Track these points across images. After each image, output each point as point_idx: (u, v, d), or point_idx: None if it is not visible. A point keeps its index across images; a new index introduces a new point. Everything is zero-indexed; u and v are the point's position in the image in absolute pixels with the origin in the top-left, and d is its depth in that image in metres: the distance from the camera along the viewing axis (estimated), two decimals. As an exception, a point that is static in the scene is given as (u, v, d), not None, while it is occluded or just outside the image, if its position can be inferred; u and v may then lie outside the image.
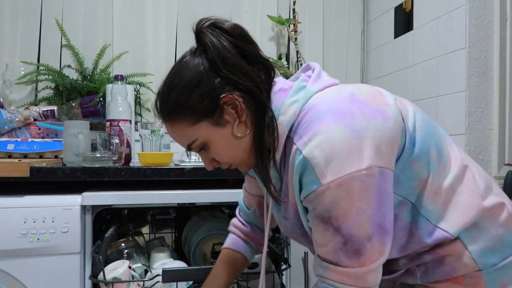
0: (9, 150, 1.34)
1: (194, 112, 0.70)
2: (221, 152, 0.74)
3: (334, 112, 0.65)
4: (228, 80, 0.69)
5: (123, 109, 1.39)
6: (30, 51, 1.79)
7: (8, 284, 1.10)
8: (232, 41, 0.70)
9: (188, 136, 0.72)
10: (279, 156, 0.73)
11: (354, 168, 0.62)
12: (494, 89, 1.40)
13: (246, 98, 0.70)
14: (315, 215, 0.66)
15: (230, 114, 0.70)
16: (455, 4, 1.44)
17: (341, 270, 0.66)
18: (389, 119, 0.66)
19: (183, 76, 0.70)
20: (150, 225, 1.76)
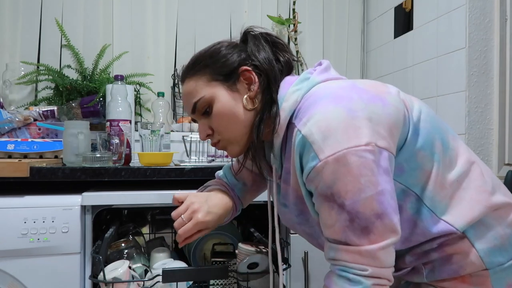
0: (9, 150, 1.34)
1: (213, 70, 0.76)
2: (221, 118, 0.77)
3: (333, 95, 0.68)
4: (252, 57, 0.77)
5: (123, 109, 1.39)
6: (30, 51, 1.79)
7: (8, 284, 1.10)
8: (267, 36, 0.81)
9: (198, 91, 0.77)
10: (279, 140, 0.75)
11: (352, 144, 0.62)
12: (494, 89, 1.40)
13: (261, 78, 0.76)
14: (318, 194, 0.66)
15: (243, 85, 0.77)
16: (455, 4, 1.44)
17: (352, 249, 0.64)
18: (388, 105, 0.67)
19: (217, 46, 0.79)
20: (150, 225, 1.76)
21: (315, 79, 0.75)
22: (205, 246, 1.41)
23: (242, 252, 1.27)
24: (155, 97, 1.78)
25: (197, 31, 1.95)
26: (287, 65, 0.81)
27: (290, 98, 0.73)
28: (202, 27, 1.96)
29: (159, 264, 1.24)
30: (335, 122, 0.64)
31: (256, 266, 1.15)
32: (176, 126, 1.82)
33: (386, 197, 0.64)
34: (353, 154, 0.62)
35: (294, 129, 0.70)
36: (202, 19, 1.96)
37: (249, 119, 0.76)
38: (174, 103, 1.89)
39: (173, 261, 1.27)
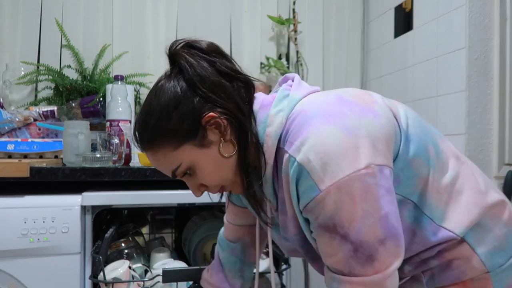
0: (9, 150, 1.34)
1: (175, 135, 0.66)
2: (209, 175, 0.70)
3: (323, 113, 0.63)
4: (207, 99, 0.66)
5: (123, 109, 1.39)
6: (30, 51, 1.79)
7: (8, 284, 1.10)
8: (208, 59, 0.68)
9: (171, 162, 0.68)
10: (270, 169, 0.69)
11: (352, 169, 0.58)
12: (494, 89, 1.40)
13: (228, 116, 0.67)
14: (319, 224, 0.62)
15: (214, 134, 0.67)
16: (455, 4, 1.44)
17: (356, 280, 0.61)
18: (380, 116, 0.64)
19: (160, 99, 0.67)
20: (150, 225, 1.76)
21: (295, 96, 0.69)
22: (205, 246, 1.41)
23: (242, 252, 1.27)
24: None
25: (197, 31, 1.95)
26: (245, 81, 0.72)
27: (274, 121, 0.67)
28: (202, 27, 1.96)
29: (159, 264, 1.24)
30: (333, 147, 0.59)
31: (256, 266, 1.15)
32: (176, 126, 1.82)
33: (390, 219, 0.60)
34: (355, 180, 0.58)
35: (284, 155, 0.64)
36: (202, 19, 1.96)
37: (235, 161, 0.69)
38: (174, 103, 1.89)
39: (173, 261, 1.27)
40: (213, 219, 1.52)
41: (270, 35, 2.01)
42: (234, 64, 0.71)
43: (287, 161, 0.63)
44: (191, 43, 0.70)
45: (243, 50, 1.97)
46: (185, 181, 0.73)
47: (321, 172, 0.59)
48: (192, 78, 0.66)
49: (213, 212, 1.61)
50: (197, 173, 0.70)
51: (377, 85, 1.99)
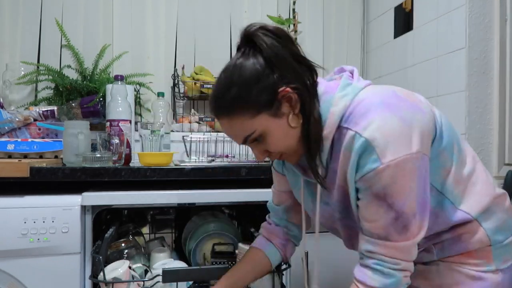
0: (9, 150, 1.34)
1: (254, 105, 0.75)
2: (277, 142, 0.79)
3: (386, 104, 0.74)
4: (282, 76, 0.75)
5: (123, 109, 1.39)
6: (30, 51, 1.79)
7: (8, 284, 1.10)
8: (281, 42, 0.76)
9: (246, 128, 0.77)
10: (329, 143, 0.78)
11: (407, 151, 0.70)
12: (494, 89, 1.40)
13: (299, 92, 0.76)
14: (371, 193, 0.73)
15: (286, 106, 0.76)
16: (455, 4, 1.44)
17: (390, 244, 0.74)
18: (425, 113, 0.76)
19: (242, 73, 0.75)
20: (150, 225, 1.76)
21: (357, 85, 0.79)
22: (205, 246, 1.41)
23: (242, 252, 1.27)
24: (155, 97, 1.78)
25: (197, 31, 1.95)
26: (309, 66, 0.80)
27: (339, 103, 0.77)
28: (202, 27, 1.96)
29: (159, 264, 1.24)
30: (394, 130, 0.71)
31: (256, 266, 1.15)
32: (176, 126, 1.82)
33: (424, 198, 0.73)
34: (408, 160, 0.70)
35: (347, 131, 0.74)
36: (202, 19, 1.96)
37: (299, 132, 0.79)
38: (174, 103, 1.89)
39: (173, 261, 1.27)
40: (213, 219, 1.52)
41: (270, 35, 2.01)
42: (300, 50, 0.79)
43: (352, 137, 0.73)
44: (265, 27, 0.77)
45: (243, 50, 1.97)
46: (251, 147, 0.82)
47: (384, 148, 0.70)
48: (270, 57, 0.75)
49: (213, 212, 1.61)
50: (267, 139, 0.79)
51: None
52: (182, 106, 1.94)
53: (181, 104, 1.94)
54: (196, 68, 1.87)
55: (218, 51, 1.97)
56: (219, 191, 1.23)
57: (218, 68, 2.17)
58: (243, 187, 1.28)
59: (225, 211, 1.73)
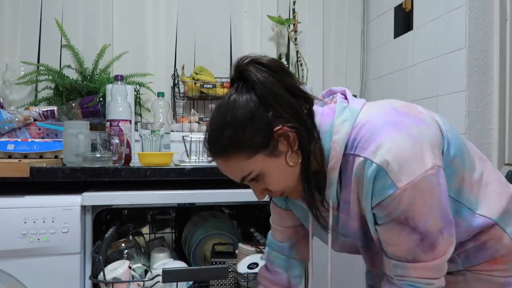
0: (9, 150, 1.34)
1: (249, 146, 0.72)
2: (276, 181, 0.76)
3: (391, 123, 0.71)
4: (278, 114, 0.72)
5: (123, 109, 1.39)
6: (30, 51, 1.79)
7: (8, 284, 1.10)
8: (275, 76, 0.73)
9: (243, 169, 0.75)
10: (336, 174, 0.75)
11: (422, 170, 0.68)
12: (494, 89, 1.40)
13: (295, 129, 0.73)
14: (392, 218, 0.71)
15: (283, 145, 0.73)
16: (455, 4, 1.44)
17: (420, 265, 0.72)
18: (430, 124, 0.74)
19: (234, 113, 0.72)
20: (150, 225, 1.76)
21: (355, 107, 0.76)
22: (205, 246, 1.41)
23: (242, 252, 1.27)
24: (155, 97, 1.78)
25: (197, 31, 1.95)
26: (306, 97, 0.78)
27: (340, 130, 0.74)
28: (202, 27, 1.96)
29: (159, 264, 1.24)
30: (405, 150, 0.68)
31: (256, 266, 1.15)
32: (176, 126, 1.82)
33: (447, 212, 0.71)
34: (425, 179, 0.68)
35: (354, 158, 0.72)
36: (202, 19, 1.96)
37: (299, 169, 0.76)
38: (174, 103, 1.89)
39: (173, 261, 1.27)
40: (213, 219, 1.52)
41: (270, 35, 2.01)
42: (295, 80, 0.77)
43: (361, 164, 0.70)
44: (258, 60, 0.74)
45: (243, 50, 1.97)
46: (250, 185, 0.80)
47: (398, 172, 0.68)
48: (263, 94, 0.72)
49: (213, 212, 1.62)
50: (265, 179, 0.76)
51: (377, 85, 1.99)
52: (182, 106, 1.94)
53: (181, 104, 1.94)
54: (196, 68, 1.87)
55: (218, 51, 1.97)
56: (219, 191, 1.23)
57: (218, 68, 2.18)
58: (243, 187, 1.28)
59: (225, 211, 1.73)
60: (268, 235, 1.04)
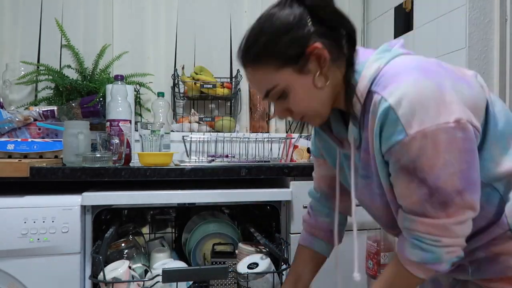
0: (9, 150, 1.34)
1: (280, 57, 0.70)
2: (299, 101, 0.74)
3: (422, 68, 0.66)
4: (316, 31, 0.70)
5: (123, 109, 1.39)
6: (30, 51, 1.79)
7: (8, 284, 1.10)
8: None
9: (269, 81, 0.73)
10: (359, 109, 0.72)
11: (441, 120, 0.62)
12: (494, 89, 1.40)
13: (331, 50, 0.70)
14: (400, 166, 0.66)
15: (313, 64, 0.71)
16: (455, 4, 1.44)
17: (428, 221, 0.66)
18: (473, 87, 0.69)
19: (274, 23, 0.71)
20: (150, 225, 1.76)
21: (397, 50, 0.73)
22: (205, 246, 1.41)
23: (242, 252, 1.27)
24: (155, 97, 1.78)
25: (197, 31, 1.95)
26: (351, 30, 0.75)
27: (372, 66, 0.71)
28: (202, 27, 1.96)
29: (159, 264, 1.24)
30: (426, 96, 0.63)
31: (256, 266, 1.15)
32: (176, 126, 1.82)
33: (470, 173, 0.64)
34: (442, 130, 0.62)
35: (375, 95, 0.68)
36: (202, 19, 1.96)
37: (326, 94, 0.74)
38: (174, 103, 1.89)
39: (173, 261, 1.27)
40: (213, 219, 1.52)
41: (270, 35, 2.01)
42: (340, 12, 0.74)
43: (378, 102, 0.66)
44: None
45: (243, 50, 1.97)
46: (274, 103, 0.78)
47: (411, 117, 0.62)
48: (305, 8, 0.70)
49: (213, 212, 1.62)
50: (289, 97, 0.74)
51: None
52: (182, 106, 1.95)
53: (181, 104, 1.94)
54: (196, 68, 1.87)
55: (218, 51, 1.97)
56: (219, 191, 1.23)
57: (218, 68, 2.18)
58: (243, 187, 1.28)
59: (225, 211, 1.73)
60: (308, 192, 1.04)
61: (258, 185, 1.32)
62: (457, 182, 0.63)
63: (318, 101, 0.74)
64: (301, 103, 0.74)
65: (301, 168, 1.31)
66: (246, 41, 0.74)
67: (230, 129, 1.85)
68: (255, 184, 1.34)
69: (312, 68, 0.71)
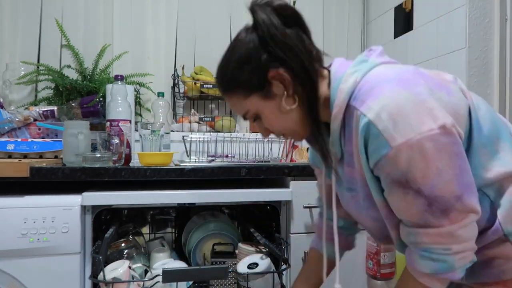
0: (9, 150, 1.34)
1: (245, 86, 0.74)
2: (272, 123, 0.78)
3: (399, 78, 0.66)
4: (275, 56, 0.72)
5: (123, 109, 1.39)
6: (30, 51, 1.79)
7: (8, 284, 1.10)
8: (283, 20, 0.73)
9: (241, 107, 0.78)
10: (338, 123, 0.73)
11: (425, 128, 0.61)
12: (494, 89, 1.40)
13: (294, 73, 0.72)
14: (392, 180, 0.65)
15: (278, 88, 0.73)
16: (455, 4, 1.44)
17: (433, 231, 0.65)
18: (453, 94, 0.67)
19: (236, 52, 0.75)
20: (150, 225, 1.76)
21: (374, 61, 0.73)
22: (205, 246, 1.41)
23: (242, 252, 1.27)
24: (155, 97, 1.78)
25: (197, 31, 1.95)
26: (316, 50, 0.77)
27: (349, 80, 0.71)
28: (202, 27, 1.96)
29: (159, 264, 1.24)
30: (405, 106, 0.62)
31: (256, 266, 1.15)
32: (176, 126, 1.82)
33: (465, 177, 0.63)
34: (427, 139, 0.61)
35: (354, 111, 0.68)
36: (202, 19, 1.96)
37: (298, 113, 0.75)
38: (174, 103, 1.89)
39: (173, 261, 1.27)
40: (213, 219, 1.52)
41: (270, 35, 2.01)
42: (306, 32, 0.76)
43: (358, 117, 0.67)
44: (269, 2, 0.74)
45: (243, 50, 1.97)
46: (254, 123, 0.81)
47: (393, 130, 0.62)
48: (263, 35, 0.72)
49: (213, 212, 1.61)
50: (263, 119, 0.78)
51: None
52: (182, 106, 1.95)
53: (181, 104, 1.94)
54: (196, 68, 1.87)
55: (218, 51, 1.96)
56: (219, 191, 1.23)
57: (218, 68, 2.11)
58: (243, 187, 1.28)
59: (225, 211, 1.73)
60: None
61: (258, 185, 1.32)
62: (454, 188, 0.62)
63: (291, 121, 0.76)
64: (274, 124, 0.78)
65: (301, 168, 1.31)
66: (218, 71, 0.79)
67: (230, 129, 1.86)
68: (255, 184, 1.34)
69: (278, 92, 0.74)
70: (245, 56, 0.73)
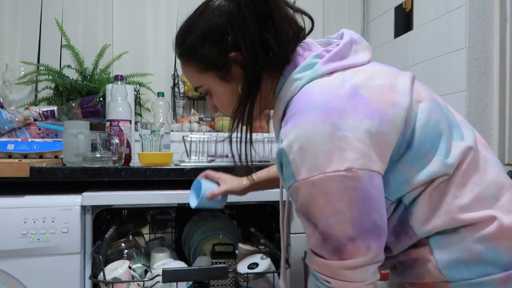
0: (9, 150, 1.34)
1: (203, 61, 0.71)
2: (222, 104, 0.76)
3: (325, 107, 0.61)
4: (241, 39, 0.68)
5: (123, 109, 1.39)
6: (30, 51, 1.79)
7: (8, 284, 1.10)
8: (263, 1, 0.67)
9: (195, 80, 0.75)
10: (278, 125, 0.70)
11: (331, 168, 0.59)
12: (494, 89, 1.40)
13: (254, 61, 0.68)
14: (297, 208, 0.67)
15: (237, 72, 0.71)
16: (455, 4, 1.44)
17: (321, 261, 0.66)
18: (385, 122, 0.61)
19: (204, 21, 0.70)
20: (150, 225, 1.76)
21: (318, 70, 0.66)
22: (205, 246, 1.41)
23: (242, 252, 1.27)
24: (155, 97, 1.78)
25: (197, 31, 1.95)
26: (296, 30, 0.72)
27: (289, 87, 0.68)
28: (202, 27, 1.96)
29: (159, 264, 1.24)
30: (318, 142, 0.60)
31: (256, 266, 1.15)
32: (176, 126, 1.82)
33: (364, 222, 0.61)
34: (331, 179, 0.59)
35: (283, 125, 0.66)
36: (202, 19, 1.96)
37: None
38: (174, 103, 1.89)
39: (173, 261, 1.27)
40: (213, 219, 1.52)
41: (270, 35, 2.01)
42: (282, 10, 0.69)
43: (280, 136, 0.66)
44: None
45: (243, 50, 1.97)
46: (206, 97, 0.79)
47: (300, 163, 0.61)
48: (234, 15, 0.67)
49: (213, 212, 1.61)
50: (213, 97, 0.76)
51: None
52: (182, 106, 1.94)
53: (181, 104, 1.94)
54: (196, 68, 1.87)
55: (218, 51, 1.97)
56: (219, 191, 1.23)
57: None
58: (243, 187, 1.28)
59: (225, 211, 1.73)
60: None
61: (258, 185, 1.31)
62: (348, 230, 0.61)
63: None
64: (225, 107, 0.76)
65: (301, 168, 1.30)
66: (180, 32, 0.74)
67: (230, 129, 1.85)
68: (255, 184, 1.34)
69: (235, 75, 0.71)
70: (212, 31, 0.68)
